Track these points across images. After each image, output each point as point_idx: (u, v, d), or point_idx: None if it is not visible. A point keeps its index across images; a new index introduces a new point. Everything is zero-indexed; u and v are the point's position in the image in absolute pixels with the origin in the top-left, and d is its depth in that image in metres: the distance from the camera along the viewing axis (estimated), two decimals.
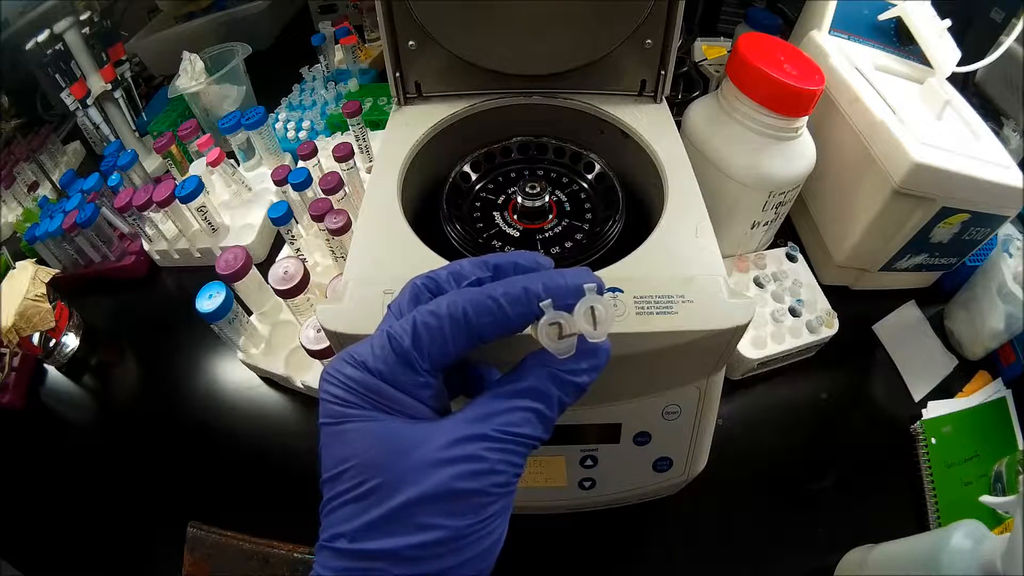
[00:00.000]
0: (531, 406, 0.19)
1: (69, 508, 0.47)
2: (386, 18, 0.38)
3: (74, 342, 0.58)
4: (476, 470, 0.18)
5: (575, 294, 0.20)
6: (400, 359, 0.19)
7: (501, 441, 0.18)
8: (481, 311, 0.19)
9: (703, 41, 0.66)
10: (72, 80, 0.72)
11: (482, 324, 0.19)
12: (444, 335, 0.19)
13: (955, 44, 0.49)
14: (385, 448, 0.18)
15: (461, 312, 0.19)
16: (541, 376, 0.19)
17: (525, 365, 0.20)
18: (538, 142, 0.42)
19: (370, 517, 0.17)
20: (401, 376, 0.19)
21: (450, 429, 0.18)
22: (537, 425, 0.19)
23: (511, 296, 0.19)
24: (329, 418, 0.19)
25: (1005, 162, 0.45)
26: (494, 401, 0.19)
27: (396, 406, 0.19)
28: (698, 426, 0.34)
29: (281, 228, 0.53)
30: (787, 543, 0.40)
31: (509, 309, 0.19)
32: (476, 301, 0.19)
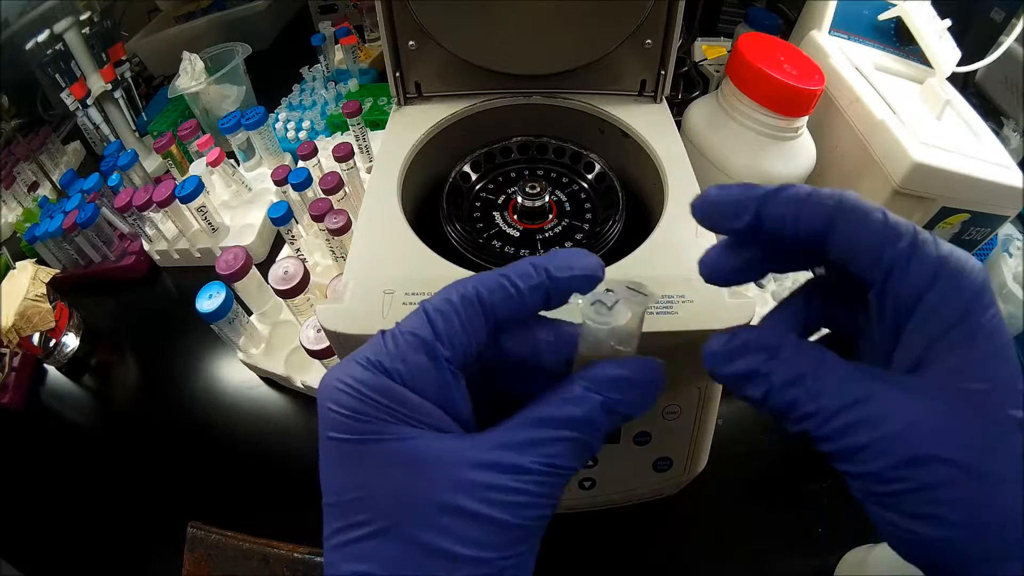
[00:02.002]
0: (578, 437, 0.17)
1: (69, 508, 0.47)
2: (386, 18, 0.38)
3: (74, 342, 0.58)
4: (513, 502, 0.16)
5: (585, 269, 0.19)
6: (421, 353, 0.17)
7: (542, 474, 0.16)
8: (494, 289, 0.18)
9: (703, 41, 0.66)
10: (72, 80, 0.72)
11: (495, 303, 0.18)
12: (461, 319, 0.17)
13: (955, 44, 0.49)
14: (412, 474, 0.16)
15: (474, 293, 0.18)
16: (593, 405, 0.17)
17: (574, 390, 0.17)
18: (538, 142, 0.41)
19: (393, 553, 0.15)
20: (422, 376, 0.17)
21: (481, 449, 0.16)
22: (578, 458, 0.17)
23: (520, 271, 0.18)
24: (340, 433, 0.17)
25: (1005, 162, 0.45)
26: (537, 428, 0.17)
27: (420, 416, 0.17)
28: (698, 426, 0.34)
29: (281, 228, 0.53)
30: (787, 543, 0.40)
31: (521, 284, 0.18)
32: (486, 281, 0.18)
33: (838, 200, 0.17)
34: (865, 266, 0.17)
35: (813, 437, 0.16)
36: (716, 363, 0.17)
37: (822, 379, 0.16)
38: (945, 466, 0.15)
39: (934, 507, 0.15)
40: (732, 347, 0.17)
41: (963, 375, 0.15)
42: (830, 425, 0.16)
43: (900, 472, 0.15)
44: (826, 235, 0.17)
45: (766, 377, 0.17)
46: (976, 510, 0.15)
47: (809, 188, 0.17)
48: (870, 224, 0.16)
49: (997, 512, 0.15)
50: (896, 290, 0.16)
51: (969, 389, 0.15)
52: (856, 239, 0.17)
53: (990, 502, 0.15)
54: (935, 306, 0.16)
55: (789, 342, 0.17)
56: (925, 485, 0.15)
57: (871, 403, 0.15)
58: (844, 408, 0.16)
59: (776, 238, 0.18)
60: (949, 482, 0.15)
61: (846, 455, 0.16)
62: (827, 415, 0.16)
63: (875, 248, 0.16)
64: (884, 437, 0.15)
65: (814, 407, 0.16)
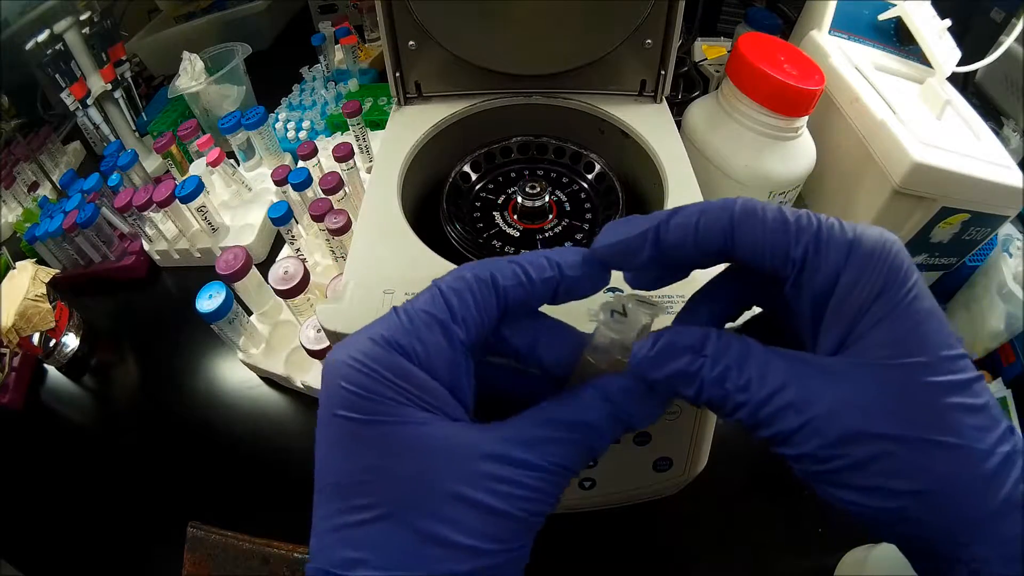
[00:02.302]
0: (585, 442, 0.17)
1: (69, 508, 0.47)
2: (386, 18, 0.38)
3: (74, 342, 0.58)
4: (519, 495, 0.16)
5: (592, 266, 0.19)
6: (436, 332, 0.17)
7: (548, 472, 0.17)
8: (507, 275, 0.18)
9: (703, 41, 0.66)
10: (72, 80, 0.72)
11: (508, 288, 0.18)
12: (476, 300, 0.17)
13: (955, 44, 0.49)
14: (423, 461, 0.16)
15: (488, 275, 0.18)
16: (602, 412, 0.18)
17: (585, 395, 0.18)
18: (538, 142, 0.41)
19: (393, 540, 0.15)
20: (438, 356, 0.17)
21: (492, 441, 0.16)
22: (582, 462, 0.18)
23: (534, 262, 0.18)
24: (350, 412, 0.16)
25: (1005, 162, 0.45)
26: (548, 428, 0.17)
27: (433, 400, 0.16)
28: (698, 426, 0.34)
29: (281, 228, 0.53)
30: (787, 543, 0.40)
31: (534, 274, 0.18)
32: (500, 267, 0.18)
33: (730, 213, 0.17)
34: (776, 266, 0.17)
35: (748, 426, 0.17)
36: (646, 369, 0.17)
37: (747, 370, 0.16)
38: (877, 440, 0.15)
39: (875, 479, 0.15)
40: (658, 351, 0.17)
41: (886, 349, 0.16)
42: (761, 413, 0.16)
43: (834, 451, 0.15)
44: (729, 248, 0.17)
45: (695, 375, 0.17)
46: (916, 478, 0.15)
47: (701, 206, 0.18)
48: (769, 227, 0.17)
49: (939, 479, 0.15)
50: (810, 281, 0.17)
51: (892, 363, 0.16)
52: (760, 244, 0.17)
53: (928, 469, 0.15)
54: (851, 287, 0.16)
55: (711, 337, 0.17)
56: (860, 460, 0.15)
57: (796, 388, 0.16)
58: (772, 395, 0.16)
59: (681, 262, 0.19)
60: (883, 455, 0.15)
61: (781, 439, 0.16)
62: (756, 404, 0.16)
63: (780, 247, 0.17)
64: (813, 418, 0.15)
65: (744, 397, 0.16)
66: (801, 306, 0.17)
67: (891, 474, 0.15)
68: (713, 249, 0.18)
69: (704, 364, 0.17)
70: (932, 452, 0.15)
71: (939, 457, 0.15)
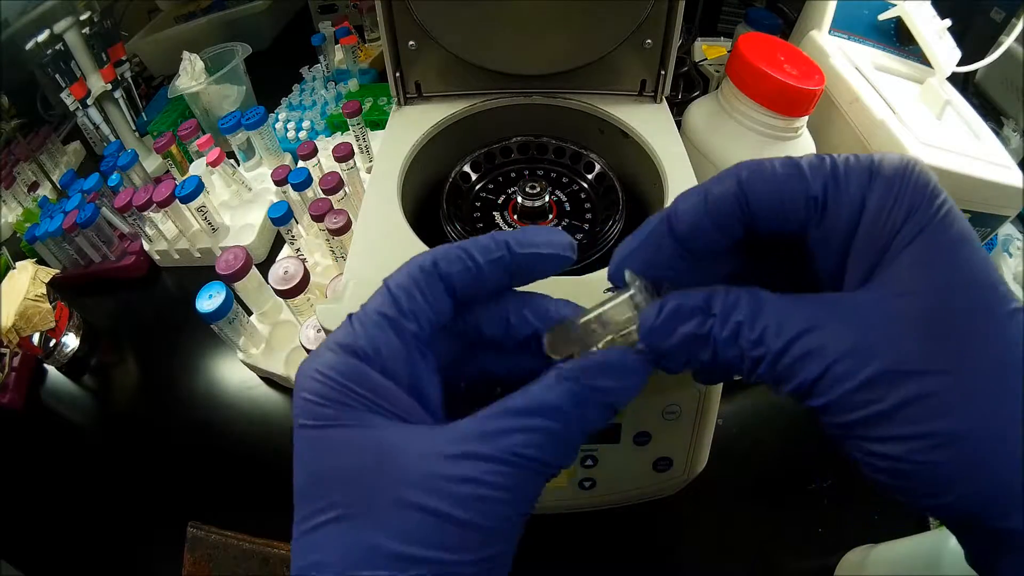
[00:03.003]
0: (541, 425, 0.15)
1: (69, 508, 0.47)
2: (386, 18, 0.38)
3: (74, 342, 0.58)
4: (476, 496, 0.15)
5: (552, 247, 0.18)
6: (388, 331, 0.16)
7: (503, 463, 0.15)
8: (452, 261, 0.17)
9: (703, 41, 0.66)
10: (72, 80, 0.72)
11: (453, 273, 0.17)
12: (422, 291, 0.17)
13: (955, 44, 0.49)
14: (372, 463, 0.15)
15: (431, 264, 0.17)
16: (560, 391, 0.16)
17: (544, 377, 0.17)
18: (538, 142, 0.41)
19: (348, 542, 0.15)
20: (391, 354, 0.16)
21: (446, 441, 0.15)
22: (550, 449, 0.16)
23: (480, 245, 0.18)
24: (307, 419, 0.16)
25: (1005, 162, 0.45)
26: (501, 417, 0.16)
27: (387, 403, 0.16)
28: (698, 426, 0.34)
29: (281, 228, 0.53)
30: (787, 543, 0.40)
31: (480, 257, 0.17)
32: (446, 253, 0.18)
33: (736, 176, 0.16)
34: (797, 212, 0.16)
35: (772, 382, 0.15)
36: (656, 338, 0.16)
37: (760, 322, 0.15)
38: (912, 378, 0.14)
39: (912, 425, 0.14)
40: (665, 318, 0.16)
41: (919, 270, 0.14)
42: (780, 365, 0.15)
43: (864, 395, 0.14)
44: (745, 211, 0.16)
45: (707, 338, 0.16)
46: (958, 417, 0.13)
47: (704, 183, 0.17)
48: (780, 175, 0.16)
49: (985, 417, 0.13)
50: (835, 218, 0.16)
51: (926, 287, 0.14)
52: (776, 195, 0.16)
53: (971, 408, 0.13)
54: (879, 211, 0.15)
55: (718, 295, 0.16)
56: (894, 405, 0.14)
57: (815, 332, 0.15)
58: (789, 344, 0.15)
59: (705, 247, 0.18)
60: (920, 396, 0.13)
61: (806, 390, 0.15)
62: (774, 356, 0.15)
63: (798, 191, 0.16)
64: (837, 361, 0.14)
65: (760, 352, 0.15)
66: (828, 252, 0.16)
67: (929, 417, 0.13)
68: (729, 218, 0.17)
69: (714, 324, 0.16)
70: (975, 387, 0.13)
71: (983, 392, 0.13)
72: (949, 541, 0.29)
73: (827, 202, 0.16)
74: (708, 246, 0.18)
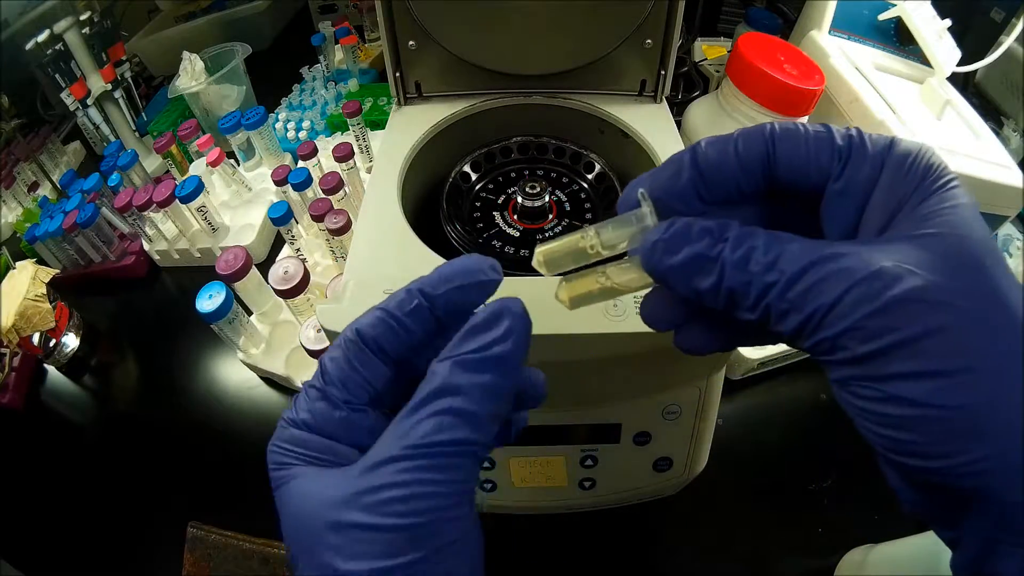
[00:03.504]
0: (442, 406, 0.16)
1: (69, 508, 0.47)
2: (386, 18, 0.38)
3: (74, 342, 0.58)
4: (394, 497, 0.15)
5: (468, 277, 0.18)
6: (319, 400, 0.18)
7: (414, 458, 0.15)
8: (374, 324, 0.18)
9: (703, 41, 0.66)
10: (72, 80, 0.72)
11: (377, 337, 0.18)
12: (350, 362, 0.18)
13: (955, 44, 0.49)
14: (309, 503, 0.16)
15: (354, 335, 0.18)
16: (443, 370, 0.16)
17: (429, 370, 0.17)
18: (538, 142, 0.41)
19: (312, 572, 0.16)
20: (324, 420, 0.18)
21: (367, 458, 0.16)
22: (461, 426, 0.16)
23: (396, 299, 0.18)
24: (272, 483, 0.18)
25: (1005, 162, 0.45)
26: (403, 419, 0.16)
27: (326, 455, 0.18)
28: (698, 426, 0.34)
29: (281, 228, 0.53)
30: (787, 543, 0.40)
31: (398, 312, 0.18)
32: (367, 319, 0.18)
33: (766, 128, 0.17)
34: (821, 162, 0.16)
35: (776, 314, 0.14)
36: (659, 253, 0.16)
37: (777, 248, 0.14)
38: (930, 309, 0.13)
39: (929, 360, 0.13)
40: (673, 233, 0.16)
41: (937, 218, 0.14)
42: (794, 290, 0.14)
43: (882, 322, 0.13)
44: (770, 157, 0.17)
45: (715, 260, 0.15)
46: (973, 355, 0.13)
47: (735, 132, 0.17)
48: (810, 132, 0.16)
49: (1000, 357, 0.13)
50: (858, 166, 0.16)
51: (944, 232, 0.14)
52: (803, 145, 0.16)
53: (988, 350, 0.13)
54: (900, 164, 0.15)
55: (732, 224, 0.15)
56: (911, 337, 0.13)
57: (837, 259, 0.14)
58: (809, 267, 0.14)
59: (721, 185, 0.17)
60: (937, 329, 0.13)
61: (818, 322, 0.14)
62: (790, 279, 0.14)
63: (824, 142, 0.16)
64: (856, 285, 0.13)
65: (773, 277, 0.14)
66: (845, 206, 0.16)
67: (953, 351, 0.13)
68: (754, 160, 0.16)
69: (724, 247, 0.15)
70: (988, 327, 0.13)
71: (995, 333, 0.13)
72: None
73: (851, 154, 0.16)
74: (726, 187, 0.17)
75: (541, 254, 0.18)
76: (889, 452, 0.14)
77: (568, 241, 0.18)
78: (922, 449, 0.13)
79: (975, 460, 0.13)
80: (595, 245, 0.18)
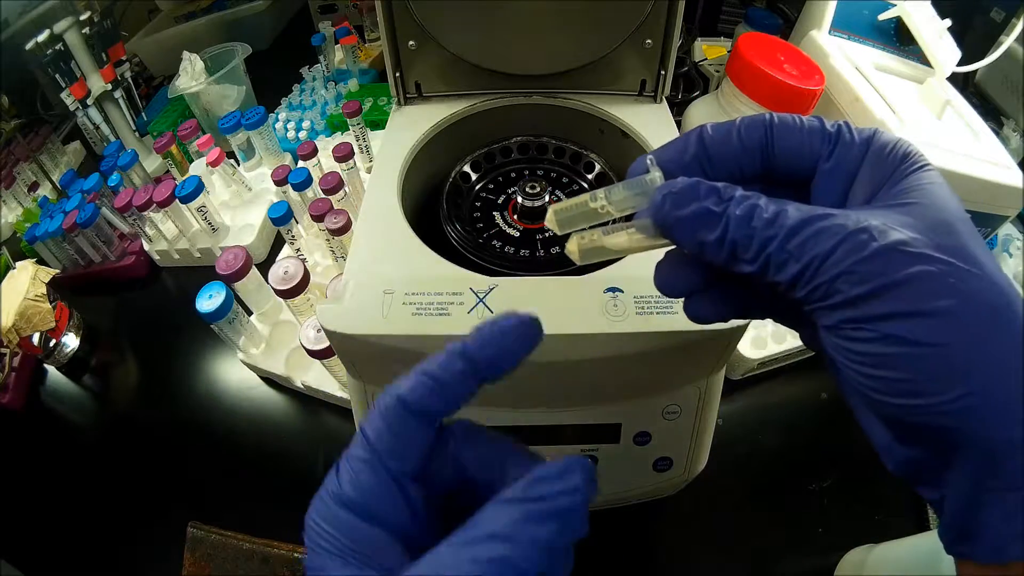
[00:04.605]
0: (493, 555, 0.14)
1: (69, 508, 0.47)
2: (386, 18, 0.38)
3: (74, 342, 0.58)
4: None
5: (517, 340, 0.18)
6: (365, 472, 0.17)
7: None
8: (414, 389, 0.17)
9: (703, 41, 0.66)
10: (72, 80, 0.72)
11: (420, 400, 0.17)
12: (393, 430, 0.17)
13: (955, 44, 0.49)
14: None
15: (394, 399, 0.17)
16: (501, 510, 0.15)
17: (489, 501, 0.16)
18: (538, 142, 0.41)
19: None
20: (370, 494, 0.17)
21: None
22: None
23: (438, 363, 0.17)
24: (309, 568, 0.17)
25: (1005, 162, 0.45)
26: (452, 550, 0.15)
27: (365, 552, 0.16)
28: (698, 426, 0.34)
29: (281, 228, 0.53)
30: (787, 543, 0.40)
31: (440, 373, 0.17)
32: (407, 384, 0.17)
33: (765, 117, 0.19)
34: (813, 144, 0.18)
35: (776, 264, 0.16)
36: (668, 206, 0.17)
37: (776, 207, 0.16)
38: (915, 259, 0.14)
39: (918, 300, 0.14)
40: (684, 187, 0.17)
41: (918, 191, 0.16)
42: (793, 242, 0.15)
43: (874, 266, 0.14)
44: (768, 141, 0.18)
45: (720, 216, 0.16)
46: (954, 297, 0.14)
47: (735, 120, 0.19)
48: (805, 121, 0.19)
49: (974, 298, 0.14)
50: (848, 147, 0.18)
51: (924, 201, 0.16)
52: (798, 130, 0.18)
53: (965, 291, 0.14)
54: (884, 144, 0.17)
55: (737, 188, 0.17)
56: (899, 280, 0.14)
57: (830, 218, 0.15)
58: (806, 223, 0.15)
59: (723, 161, 0.19)
60: (922, 275, 0.14)
61: (815, 269, 0.15)
62: (789, 232, 0.15)
63: (816, 128, 0.18)
64: (851, 235, 0.15)
65: (772, 231, 0.16)
66: (834, 183, 0.18)
67: (941, 292, 0.14)
68: (754, 141, 0.18)
69: (729, 204, 0.16)
70: (966, 275, 0.14)
71: (973, 281, 0.14)
72: None
73: (839, 139, 0.18)
74: (727, 166, 0.19)
75: (553, 212, 0.19)
76: (878, 394, 0.15)
77: (578, 201, 0.19)
78: (910, 387, 0.14)
79: (960, 396, 0.14)
80: (605, 205, 0.19)
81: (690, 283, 0.20)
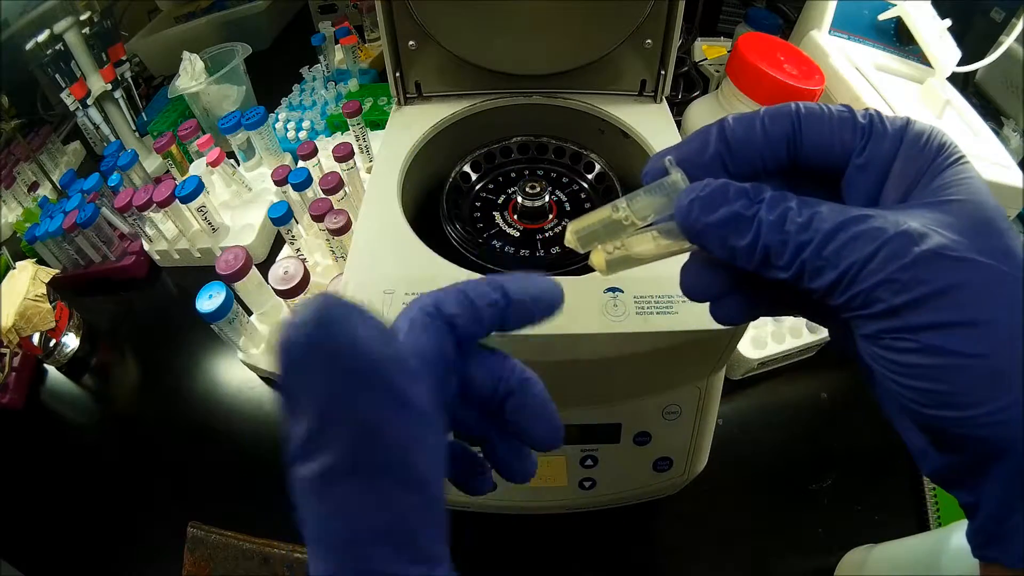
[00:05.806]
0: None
1: (69, 508, 0.47)
2: (386, 18, 0.38)
3: (74, 342, 0.58)
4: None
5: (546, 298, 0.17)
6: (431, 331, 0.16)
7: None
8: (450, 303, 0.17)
9: (703, 41, 0.66)
10: (72, 80, 0.72)
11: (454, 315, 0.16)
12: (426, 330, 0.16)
13: (955, 44, 0.49)
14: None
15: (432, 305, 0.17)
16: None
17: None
18: (538, 142, 0.42)
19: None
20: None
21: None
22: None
23: (476, 289, 0.17)
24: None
25: (1005, 162, 0.45)
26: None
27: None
28: (698, 426, 0.34)
29: (281, 228, 0.53)
30: (787, 543, 0.40)
31: (477, 300, 0.17)
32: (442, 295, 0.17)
33: (792, 107, 0.17)
34: (844, 138, 0.17)
35: (811, 271, 0.15)
36: (696, 211, 0.16)
37: (810, 210, 0.15)
38: (962, 264, 0.14)
39: (958, 310, 0.13)
40: (711, 191, 0.16)
41: (953, 188, 0.15)
42: (829, 248, 0.14)
43: (913, 274, 0.14)
44: (796, 133, 0.17)
45: (752, 220, 0.15)
46: (995, 311, 0.13)
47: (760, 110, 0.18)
48: (834, 112, 0.17)
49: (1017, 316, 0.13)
50: (880, 141, 0.17)
51: (962, 198, 0.15)
52: (828, 122, 0.17)
53: (1009, 303, 0.14)
54: (917, 137, 0.16)
55: (766, 188, 0.16)
56: (939, 289, 0.14)
57: (867, 220, 0.14)
58: (841, 226, 0.14)
59: (747, 158, 0.18)
60: (962, 284, 0.14)
61: (852, 276, 0.14)
62: (825, 237, 0.15)
63: (847, 120, 0.17)
64: (889, 241, 0.14)
65: (807, 236, 0.15)
66: (866, 180, 0.17)
67: (982, 302, 0.13)
68: (780, 135, 0.17)
69: (760, 208, 0.15)
70: (1009, 280, 0.14)
71: (1015, 286, 0.14)
72: (949, 541, 0.29)
73: (872, 131, 0.17)
74: (751, 162, 0.18)
75: (573, 232, 0.18)
76: (918, 405, 0.14)
77: (599, 215, 0.18)
78: (951, 399, 0.14)
79: (1001, 408, 0.13)
80: (629, 216, 0.18)
81: (718, 287, 0.19)
